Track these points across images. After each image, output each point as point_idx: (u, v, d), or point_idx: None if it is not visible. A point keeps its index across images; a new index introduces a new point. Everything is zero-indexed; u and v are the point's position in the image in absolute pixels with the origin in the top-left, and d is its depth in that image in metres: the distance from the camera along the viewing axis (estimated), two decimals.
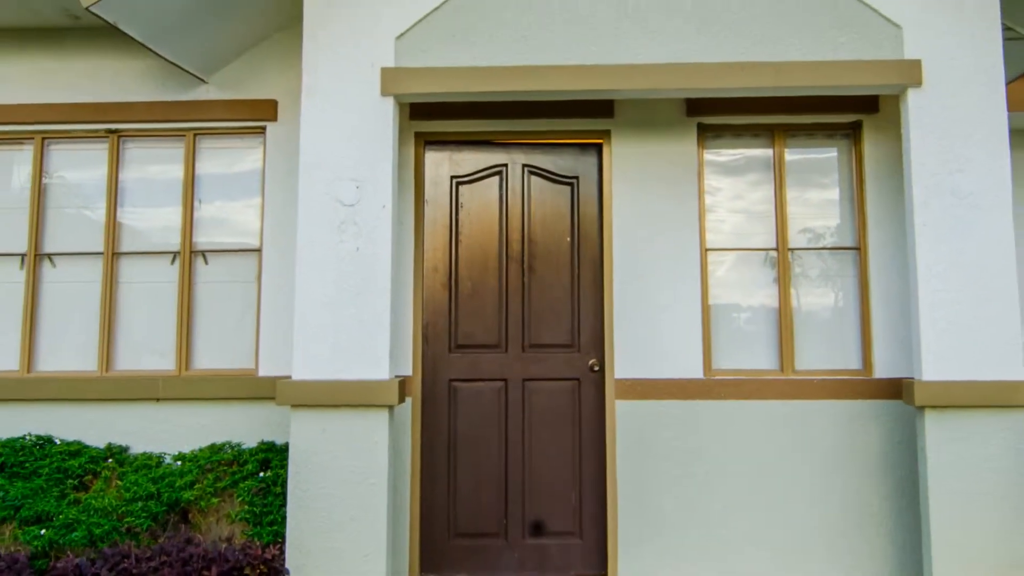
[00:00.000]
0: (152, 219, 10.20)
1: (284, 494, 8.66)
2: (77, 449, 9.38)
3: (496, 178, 9.82)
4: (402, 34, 8.61)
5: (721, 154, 9.81)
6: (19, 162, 10.31)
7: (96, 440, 9.64)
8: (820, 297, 9.63)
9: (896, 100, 9.20)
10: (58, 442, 9.53)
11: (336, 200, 8.51)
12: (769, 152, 9.78)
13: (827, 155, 9.79)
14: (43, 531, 8.55)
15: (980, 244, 8.24)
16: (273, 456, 9.15)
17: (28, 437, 9.52)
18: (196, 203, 10.15)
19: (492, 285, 9.72)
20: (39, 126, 10.21)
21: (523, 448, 9.53)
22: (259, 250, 10.02)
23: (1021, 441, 8.12)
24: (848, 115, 9.61)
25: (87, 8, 7.94)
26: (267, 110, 10.06)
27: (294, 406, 8.37)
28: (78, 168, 10.31)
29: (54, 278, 10.17)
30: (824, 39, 8.46)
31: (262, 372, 9.76)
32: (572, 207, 9.79)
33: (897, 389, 9.17)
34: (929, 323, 8.23)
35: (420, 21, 8.61)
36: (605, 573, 9.33)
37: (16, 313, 10.08)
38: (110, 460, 9.32)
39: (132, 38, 8.65)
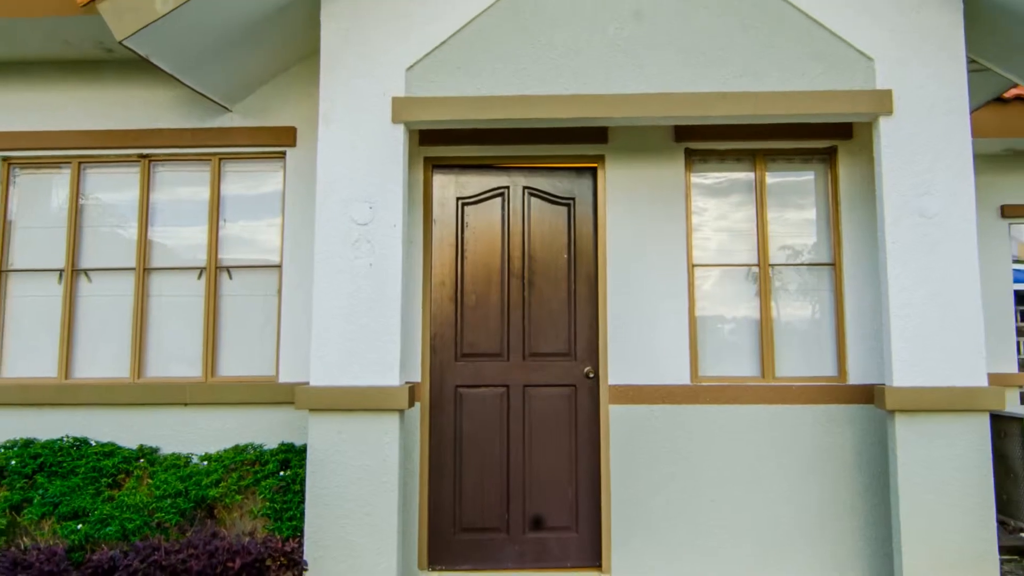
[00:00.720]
0: (180, 237, 10.25)
1: (302, 492, 8.70)
2: (111, 450, 9.41)
3: (499, 199, 9.87)
4: (412, 66, 8.66)
5: (707, 177, 9.85)
6: (58, 184, 10.35)
7: (128, 442, 9.68)
8: (798, 309, 9.67)
9: (869, 127, 9.24)
10: (93, 443, 9.57)
11: (351, 219, 8.56)
12: (751, 175, 9.81)
13: (805, 178, 9.83)
14: (80, 526, 8.60)
15: (946, 261, 8.29)
16: (292, 456, 9.19)
17: (66, 439, 9.55)
18: (221, 222, 10.18)
19: (495, 298, 9.77)
20: (76, 151, 10.25)
21: (523, 449, 9.56)
22: (279, 266, 10.07)
23: (983, 442, 8.17)
24: (824, 141, 9.65)
25: (120, 42, 7.99)
26: (287, 136, 10.11)
27: (312, 410, 8.42)
28: (112, 190, 10.35)
29: (90, 292, 10.21)
30: (801, 70, 8.50)
31: (282, 379, 9.80)
32: (569, 226, 9.83)
33: (869, 394, 9.21)
34: (899, 333, 8.28)
35: (428, 54, 8.66)
36: (599, 564, 9.36)
37: (55, 324, 10.12)
38: (141, 460, 9.35)
39: (162, 70, 8.69)
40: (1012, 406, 10.67)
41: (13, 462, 9.15)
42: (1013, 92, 12.24)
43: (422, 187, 9.75)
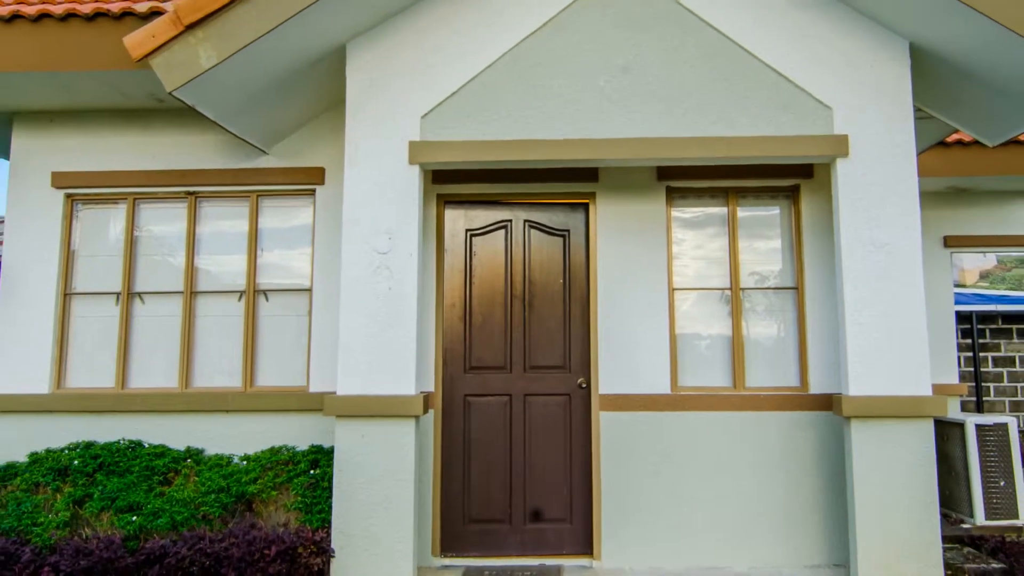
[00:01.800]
0: (223, 264, 10.29)
1: (330, 488, 8.73)
2: (162, 451, 9.45)
3: (502, 231, 9.91)
4: (426, 114, 8.72)
5: (685, 211, 9.89)
6: (115, 218, 10.39)
7: (177, 444, 9.71)
8: (766, 328, 9.70)
9: (828, 167, 9.28)
10: (146, 446, 9.60)
11: (372, 249, 8.62)
12: (724, 210, 9.85)
13: (771, 212, 9.87)
14: (134, 518, 8.62)
15: (895, 285, 8.34)
16: (321, 457, 9.22)
17: (122, 441, 9.58)
18: (259, 251, 10.23)
19: (499, 317, 9.81)
20: (131, 189, 10.30)
21: (524, 450, 9.60)
22: (310, 289, 10.11)
23: (928, 444, 8.20)
24: (788, 180, 9.69)
25: (170, 93, 8.02)
26: (316, 176, 10.16)
27: (338, 416, 8.47)
28: (162, 223, 10.40)
29: (143, 312, 10.25)
30: (768, 118, 8.55)
31: (312, 388, 9.83)
32: (564, 255, 9.87)
33: (828, 402, 9.25)
34: (854, 348, 8.33)
35: (441, 103, 8.72)
36: (591, 552, 9.38)
37: (112, 341, 10.16)
38: (189, 460, 9.38)
39: (207, 117, 8.71)
40: (953, 412, 10.70)
41: (76, 462, 9.19)
42: (954, 137, 12.31)
43: (435, 220, 9.80)
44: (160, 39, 7.88)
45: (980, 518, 9.09)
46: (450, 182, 9.83)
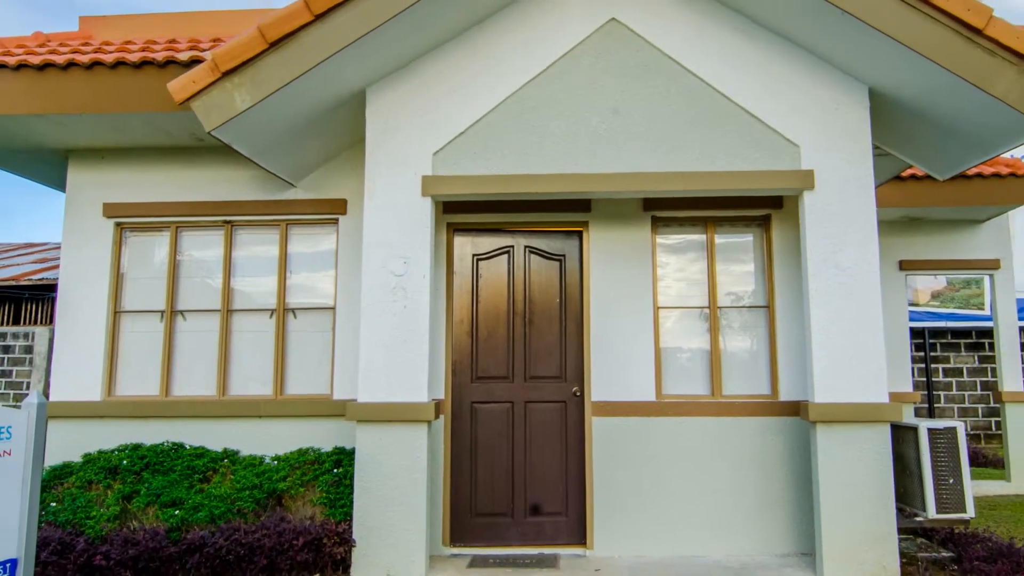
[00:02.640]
0: (256, 285, 10.34)
1: (352, 485, 8.76)
2: (201, 452, 9.48)
3: (505, 256, 9.95)
4: (437, 151, 8.78)
5: (669, 238, 9.92)
6: (159, 244, 10.44)
7: (215, 445, 9.73)
8: (740, 342, 9.73)
9: (796, 199, 9.30)
10: (187, 447, 9.63)
11: (389, 272, 8.67)
12: (703, 237, 9.89)
13: (745, 239, 9.91)
14: (177, 512, 8.66)
15: (856, 304, 8.39)
16: (344, 457, 9.26)
17: (166, 443, 9.62)
18: (288, 274, 10.27)
19: (502, 333, 9.84)
20: (174, 218, 10.36)
21: (525, 452, 9.62)
22: (333, 308, 10.15)
23: (885, 446, 8.25)
24: (760, 210, 9.73)
25: (209, 132, 8.06)
26: (339, 206, 10.21)
27: (359, 421, 8.52)
28: (202, 248, 10.46)
29: (184, 328, 10.29)
30: (743, 154, 8.60)
31: (336, 396, 9.86)
32: (560, 277, 9.91)
33: (796, 409, 9.27)
34: (819, 360, 8.38)
35: (450, 142, 8.78)
36: (584, 542, 9.39)
37: (157, 353, 10.20)
38: (225, 460, 9.42)
39: (242, 154, 8.75)
40: (908, 418, 10.72)
41: (125, 462, 9.23)
42: (909, 172, 12.41)
43: (445, 246, 9.83)
44: (200, 84, 7.94)
45: (932, 512, 9.09)
46: (459, 212, 9.87)
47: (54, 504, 8.84)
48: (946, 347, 18.18)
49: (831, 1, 7.58)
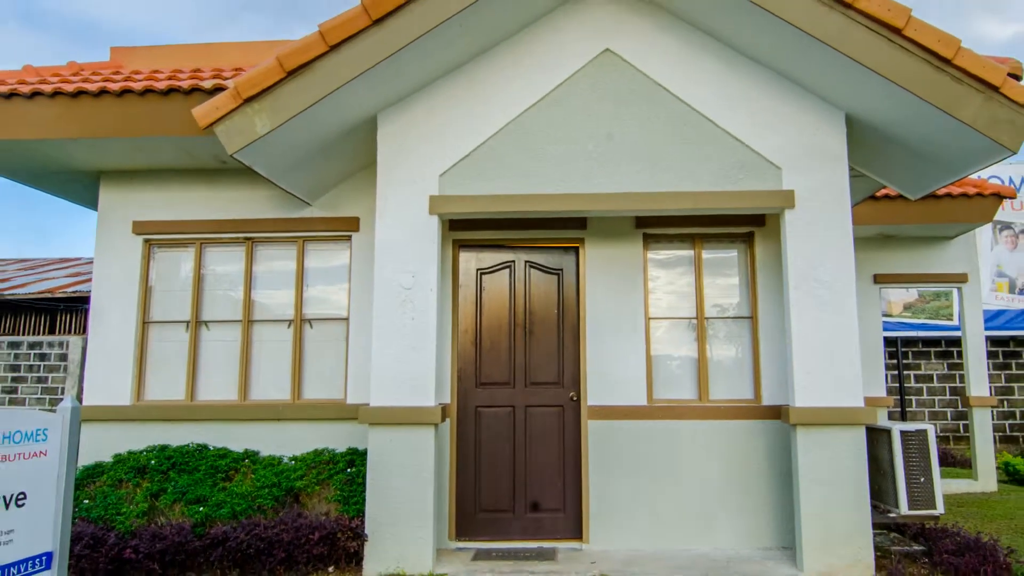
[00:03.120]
0: (274, 298, 10.36)
1: (364, 484, 8.77)
2: (224, 453, 9.49)
3: (507, 270, 9.96)
4: (444, 172, 8.80)
5: (659, 254, 9.93)
6: (185, 259, 10.46)
7: (237, 447, 9.73)
8: (725, 350, 9.74)
9: (777, 217, 9.31)
10: (211, 448, 9.63)
11: (399, 285, 8.70)
12: (691, 252, 9.90)
13: (730, 254, 9.92)
14: (201, 508, 8.70)
15: (833, 315, 8.41)
16: (356, 458, 9.27)
17: (191, 445, 9.62)
18: (304, 287, 10.29)
19: (504, 342, 9.85)
20: (199, 235, 10.38)
21: (525, 452, 9.62)
22: (347, 319, 10.17)
23: (860, 447, 8.25)
24: (744, 227, 9.75)
25: (231, 155, 8.11)
26: (352, 224, 10.24)
27: (371, 424, 8.53)
28: (224, 263, 10.48)
29: (208, 337, 10.31)
30: (728, 176, 8.62)
31: (349, 401, 9.86)
32: (558, 290, 9.92)
33: (777, 412, 9.28)
34: (799, 367, 8.39)
35: (456, 164, 8.80)
36: (581, 536, 9.39)
37: (183, 361, 10.21)
38: (246, 460, 9.43)
39: (261, 175, 8.79)
40: (882, 421, 10.72)
41: (152, 462, 9.25)
42: (883, 192, 12.43)
43: (451, 261, 9.84)
44: (223, 110, 7.98)
45: (904, 509, 9.08)
46: (464, 229, 9.89)
47: (87, 501, 8.88)
48: (917, 355, 18.20)
49: (812, 34, 7.62)
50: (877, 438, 9.48)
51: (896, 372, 18.08)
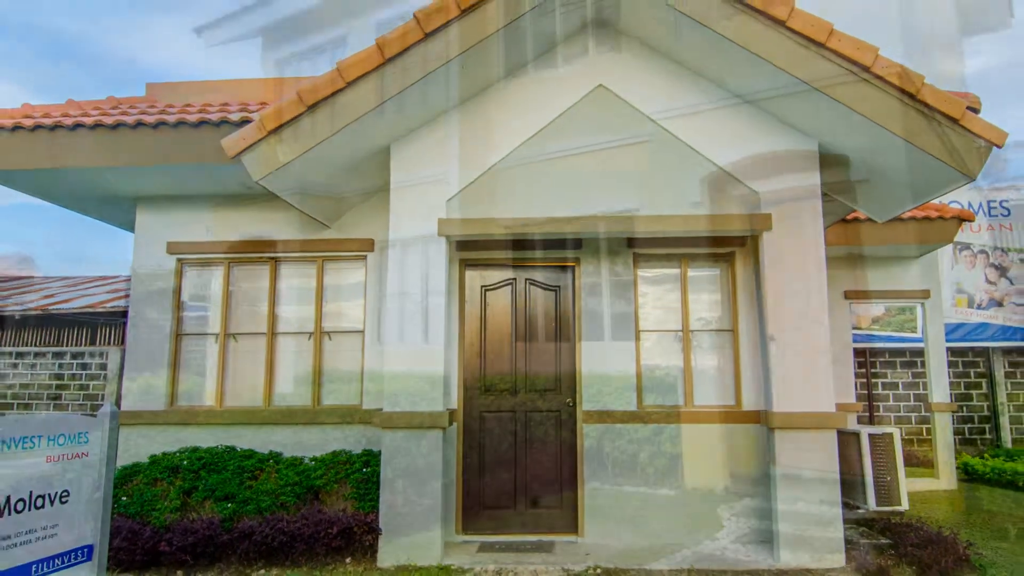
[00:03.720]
0: (296, 312, 10.39)
1: (378, 482, 8.77)
2: (250, 454, 9.49)
3: (509, 287, 9.97)
4: (451, 197, 8.83)
5: (649, 272, 9.93)
6: (214, 277, 10.49)
7: (262, 448, 9.74)
8: (709, 360, 9.73)
9: (756, 238, 9.31)
10: (239, 449, 9.63)
11: (410, 300, 8.72)
12: (678, 270, 9.90)
13: (714, 272, 9.92)
14: (229, 505, 8.71)
15: (807, 327, 8.43)
16: (371, 459, 9.27)
17: (220, 446, 9.63)
18: (324, 302, 10.32)
19: (507, 353, 9.85)
20: (226, 255, 10.42)
21: (526, 453, 9.61)
22: (362, 331, 10.20)
23: (832, 449, 8.26)
24: (727, 248, 9.75)
25: (256, 181, 8.18)
26: (367, 244, 10.27)
27: (384, 427, 8.56)
28: (250, 280, 10.51)
29: (236, 348, 10.32)
30: (713, 200, 8.66)
31: (364, 406, 9.89)
32: (556, 305, 9.92)
33: (757, 417, 9.27)
34: (776, 375, 8.42)
35: (462, 190, 8.83)
36: (576, 531, 9.37)
37: (213, 370, 10.23)
38: (271, 461, 9.43)
39: (283, 200, 8.88)
40: (852, 425, 10.73)
41: (185, 462, 9.25)
42: (852, 215, 12.41)
43: (458, 279, 9.86)
44: (249, 141, 8.04)
45: (872, 505, 9.11)
46: (470, 249, 9.89)
47: (124, 498, 8.89)
48: (884, 364, 18.17)
49: (790, 73, 7.66)
50: (847, 440, 9.51)
51: (865, 380, 18.04)
